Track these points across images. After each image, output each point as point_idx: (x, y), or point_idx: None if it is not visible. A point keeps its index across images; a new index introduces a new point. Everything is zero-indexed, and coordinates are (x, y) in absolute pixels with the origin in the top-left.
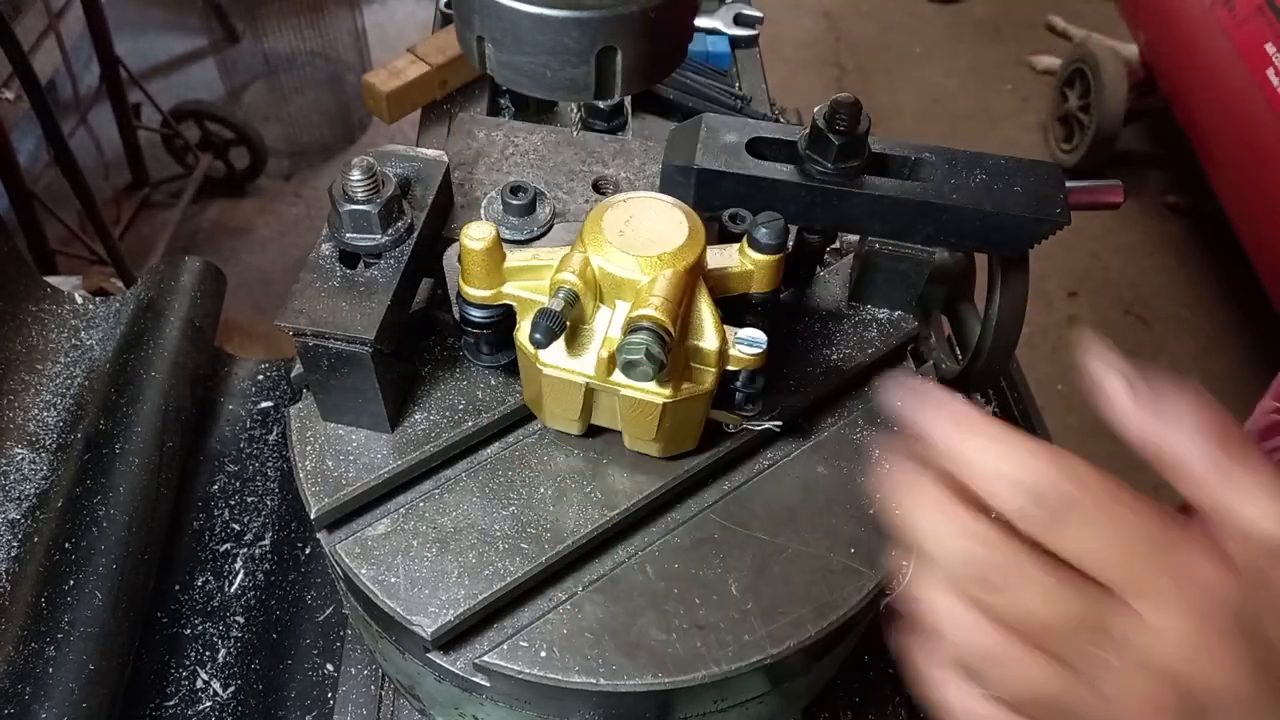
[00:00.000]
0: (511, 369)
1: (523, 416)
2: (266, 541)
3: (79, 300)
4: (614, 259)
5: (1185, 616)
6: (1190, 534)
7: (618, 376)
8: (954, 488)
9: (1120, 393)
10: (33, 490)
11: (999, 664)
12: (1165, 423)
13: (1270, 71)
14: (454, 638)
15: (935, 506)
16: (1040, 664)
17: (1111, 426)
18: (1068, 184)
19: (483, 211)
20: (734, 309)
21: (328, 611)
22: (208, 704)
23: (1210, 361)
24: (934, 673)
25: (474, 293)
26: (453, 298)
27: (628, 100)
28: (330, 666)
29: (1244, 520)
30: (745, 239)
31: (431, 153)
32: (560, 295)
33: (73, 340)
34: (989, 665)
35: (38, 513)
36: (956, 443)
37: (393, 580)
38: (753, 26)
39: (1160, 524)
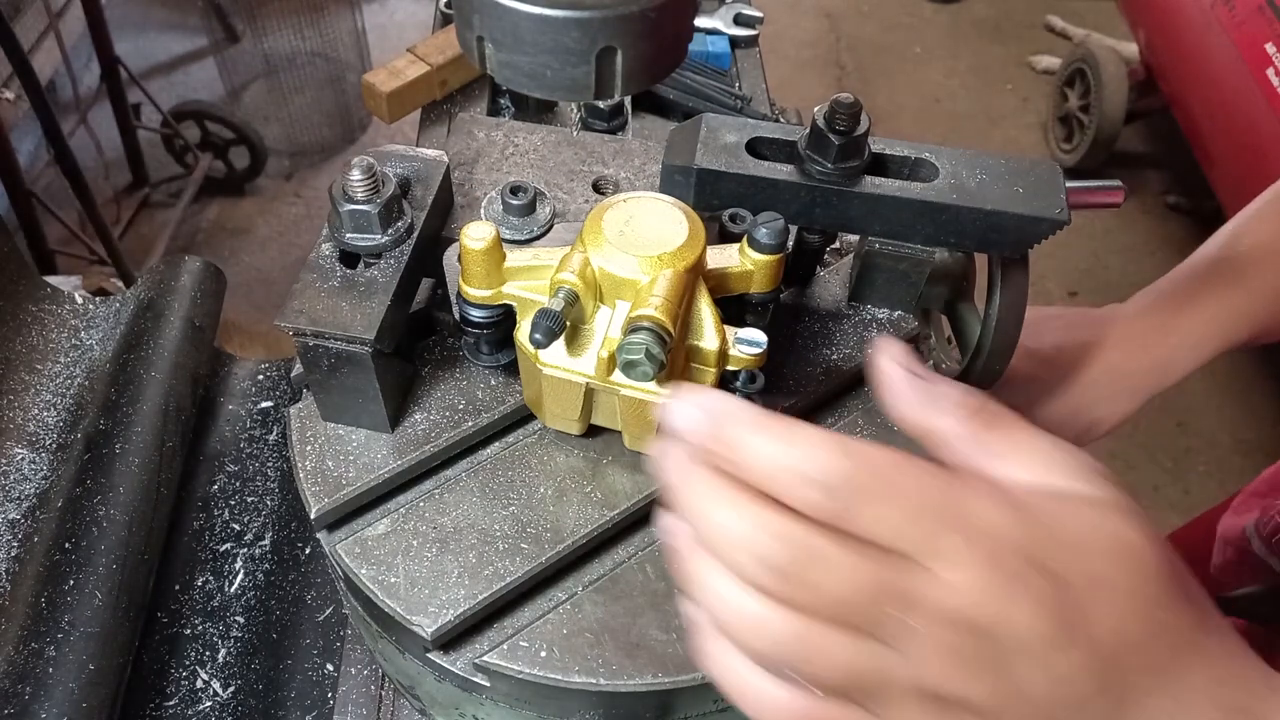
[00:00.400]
0: (511, 369)
1: (523, 416)
2: (266, 541)
3: (79, 300)
4: (614, 259)
5: (975, 566)
6: (974, 486)
7: (618, 376)
8: (736, 483)
9: (892, 378)
10: (33, 490)
11: (799, 651)
12: (929, 405)
13: (1270, 71)
14: (454, 638)
15: (717, 499)
16: (842, 641)
17: (886, 410)
18: (1068, 184)
19: (483, 211)
20: (734, 309)
21: (328, 611)
22: (208, 704)
23: (1210, 361)
24: (729, 672)
25: (474, 293)
26: (453, 298)
27: (628, 100)
28: (330, 666)
29: (1007, 479)
30: (745, 239)
31: (431, 153)
32: (560, 295)
33: (73, 340)
34: (788, 654)
35: (38, 513)
36: (732, 444)
37: (393, 580)
38: (753, 26)
39: (943, 484)
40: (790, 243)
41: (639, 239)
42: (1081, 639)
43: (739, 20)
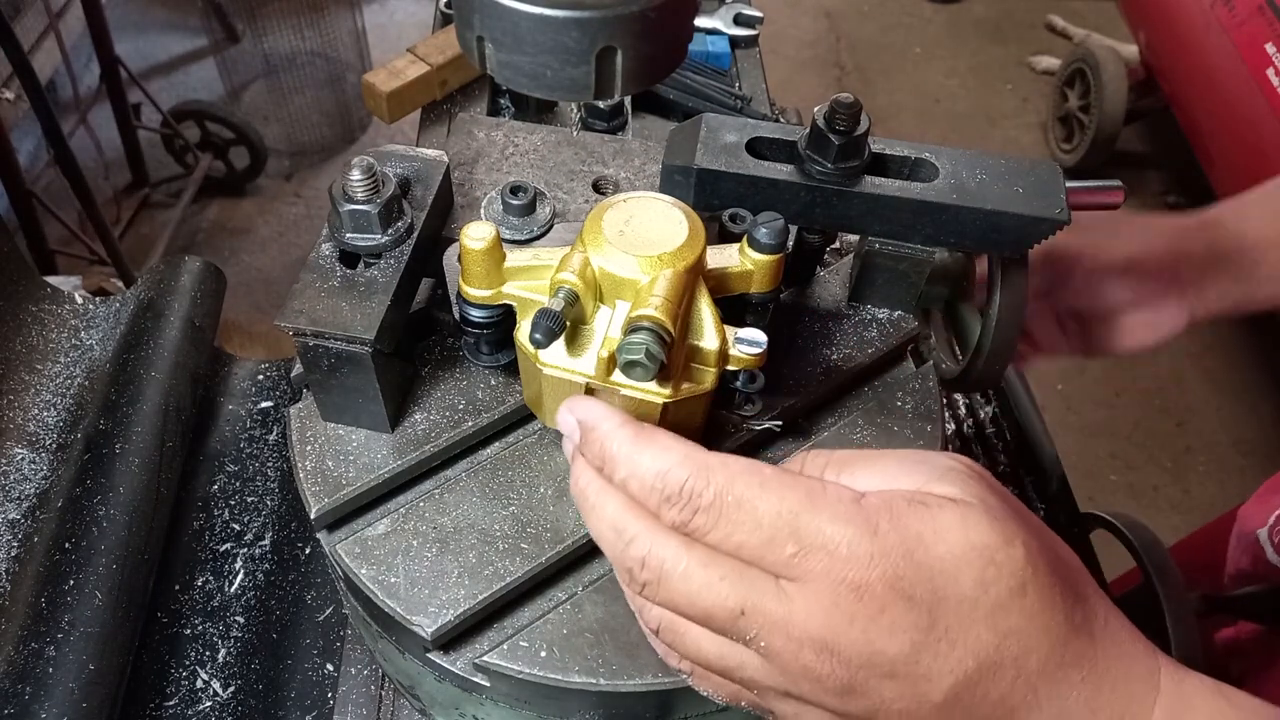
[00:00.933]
0: (511, 369)
1: (523, 416)
2: (266, 541)
3: (79, 300)
4: (614, 259)
5: (828, 590)
6: (832, 506)
7: (618, 376)
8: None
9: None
10: (33, 490)
11: (669, 636)
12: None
13: (1270, 71)
14: (454, 638)
15: (592, 502)
16: (705, 639)
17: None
18: (1068, 184)
19: (483, 211)
20: (734, 309)
21: (328, 611)
22: (208, 704)
23: (1210, 361)
24: (646, 633)
25: (474, 293)
26: (453, 298)
27: (628, 100)
28: (330, 666)
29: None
30: (745, 239)
31: (431, 153)
32: (560, 295)
33: (73, 340)
34: (664, 636)
35: (38, 513)
36: (599, 453)
37: (393, 580)
38: (753, 26)
39: (799, 504)
40: (790, 243)
41: (639, 239)
42: (944, 665)
43: (739, 20)
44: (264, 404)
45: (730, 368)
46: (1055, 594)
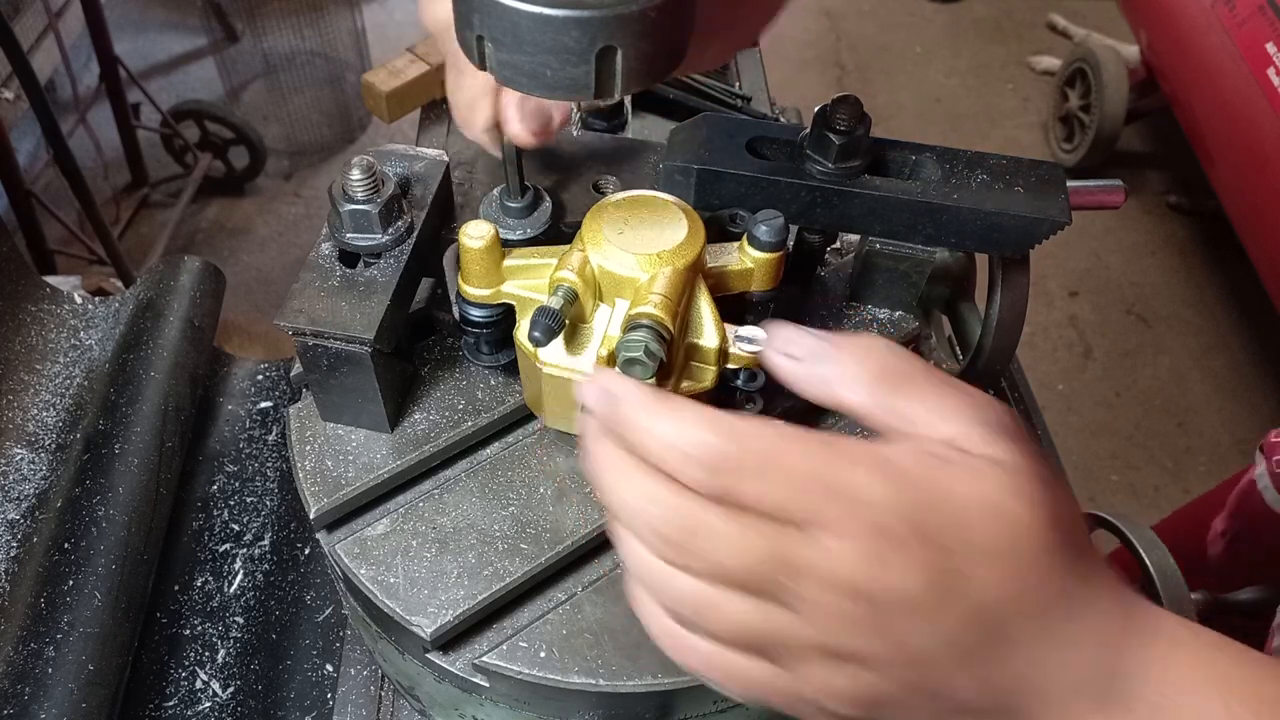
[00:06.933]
0: (511, 369)
1: (523, 416)
2: (266, 542)
3: (78, 300)
4: (613, 257)
5: (856, 534)
6: (855, 457)
7: None
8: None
9: (781, 372)
10: (32, 490)
11: (697, 610)
12: (828, 387)
13: (1271, 71)
14: (453, 638)
15: (618, 473)
16: (737, 603)
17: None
18: (1069, 184)
19: (482, 211)
20: (734, 308)
21: (327, 612)
22: (207, 704)
23: (1211, 361)
24: (650, 619)
25: (473, 292)
26: (452, 298)
27: (628, 100)
28: (330, 667)
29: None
30: (745, 237)
31: (431, 152)
32: (559, 293)
33: (72, 340)
34: (689, 612)
35: (37, 513)
36: (627, 424)
37: (392, 580)
38: None
39: (824, 457)
40: (790, 242)
41: (638, 237)
42: (959, 598)
43: None
44: (263, 404)
45: (730, 366)
46: (1057, 546)
